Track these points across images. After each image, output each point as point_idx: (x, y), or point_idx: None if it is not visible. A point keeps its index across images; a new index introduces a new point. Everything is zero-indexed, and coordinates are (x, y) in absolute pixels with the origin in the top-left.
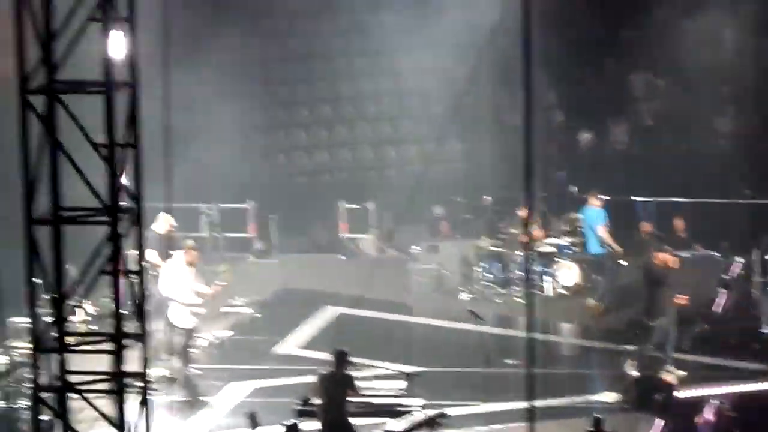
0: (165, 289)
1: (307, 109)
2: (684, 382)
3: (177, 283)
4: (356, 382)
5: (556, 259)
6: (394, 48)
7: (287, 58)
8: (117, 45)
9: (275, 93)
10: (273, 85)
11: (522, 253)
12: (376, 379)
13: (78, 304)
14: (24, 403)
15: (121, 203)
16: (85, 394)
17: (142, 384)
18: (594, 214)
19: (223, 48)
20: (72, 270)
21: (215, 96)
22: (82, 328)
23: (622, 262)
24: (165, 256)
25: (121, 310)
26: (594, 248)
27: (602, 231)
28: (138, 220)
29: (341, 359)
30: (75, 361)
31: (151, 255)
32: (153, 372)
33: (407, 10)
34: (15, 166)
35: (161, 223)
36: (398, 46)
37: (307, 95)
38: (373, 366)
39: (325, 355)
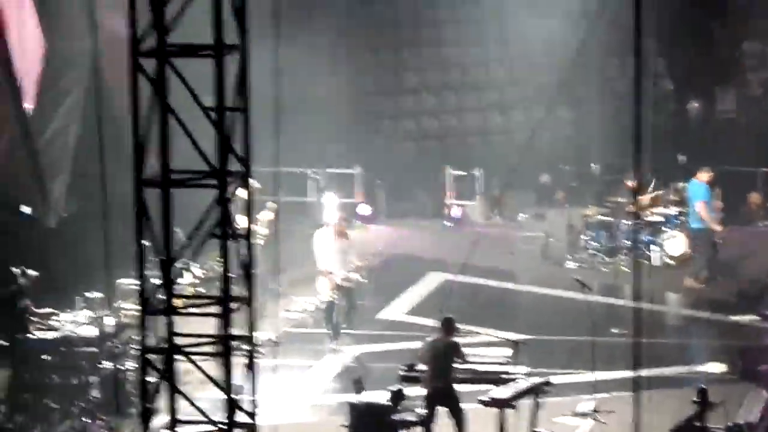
0: (321, 261)
1: (415, 75)
2: None
3: (331, 255)
4: (462, 349)
5: (663, 228)
6: (503, 15)
7: (395, 24)
8: (227, 7)
9: (383, 59)
10: (381, 51)
11: (629, 222)
12: (482, 346)
13: (186, 266)
14: (131, 364)
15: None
16: (192, 357)
17: (248, 347)
18: (697, 189)
19: (331, 14)
20: (180, 233)
21: (322, 63)
22: (190, 291)
23: (718, 240)
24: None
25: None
26: (694, 222)
27: (700, 207)
28: (246, 183)
29: (447, 326)
30: (182, 324)
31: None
32: (259, 335)
33: None
34: (126, 128)
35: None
36: (507, 12)
37: (415, 61)
38: (478, 333)
39: (431, 322)
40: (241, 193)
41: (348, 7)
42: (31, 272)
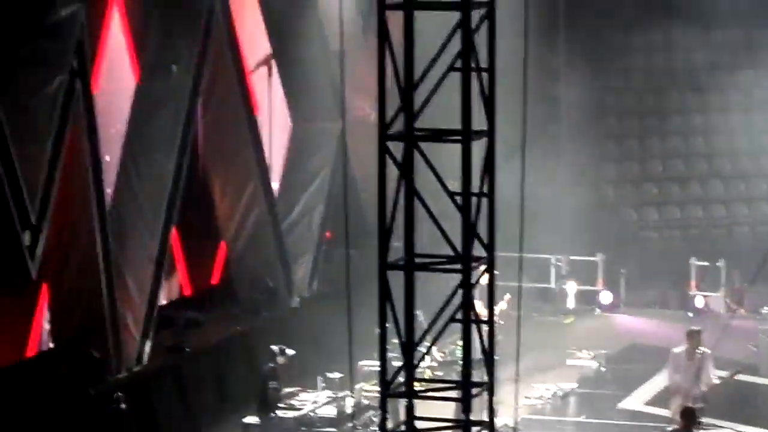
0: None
1: (660, 164)
2: None
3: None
4: None
5: None
6: (751, 105)
7: (641, 112)
8: (475, 94)
9: (627, 147)
10: (625, 140)
11: None
12: None
13: (427, 350)
14: None
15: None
16: None
17: None
18: None
19: (572, 101)
20: (421, 316)
21: (566, 150)
22: (429, 374)
23: None
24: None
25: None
26: None
27: None
28: (489, 269)
29: (688, 417)
30: (421, 407)
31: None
32: (498, 421)
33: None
34: (370, 211)
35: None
36: (755, 103)
37: (660, 150)
38: (720, 427)
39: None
40: (483, 278)
41: (590, 96)
42: (289, 351)
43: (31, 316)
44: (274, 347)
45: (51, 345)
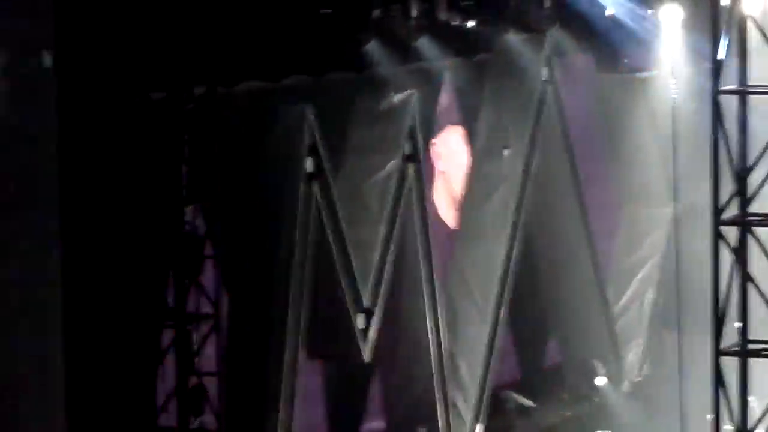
0: None
1: None
2: None
3: None
4: None
5: None
6: None
7: None
8: None
9: None
10: None
11: None
12: None
13: None
14: None
15: None
16: None
17: None
18: None
19: None
20: (755, 401)
21: None
22: None
23: None
24: None
25: None
26: None
27: None
28: None
29: None
30: None
31: None
32: None
33: None
34: (704, 296)
35: None
36: None
37: None
38: None
39: None
40: None
41: None
42: None
43: (365, 397)
44: None
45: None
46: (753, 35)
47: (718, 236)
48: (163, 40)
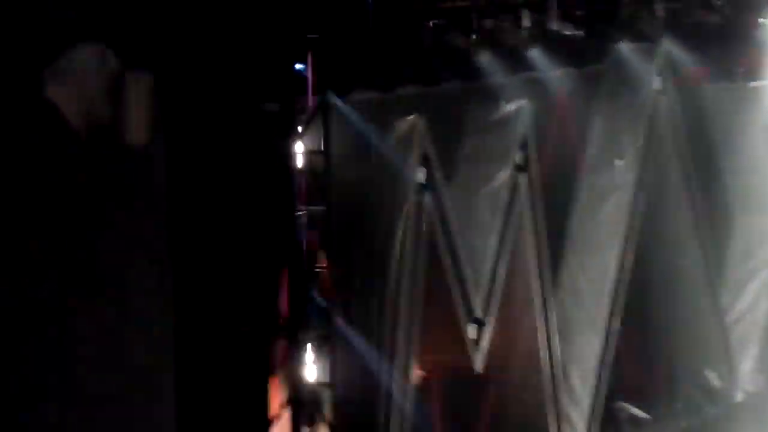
0: None
1: None
2: None
3: None
4: None
5: None
6: None
7: None
8: None
9: None
10: None
11: None
12: None
13: None
14: None
15: None
16: None
17: None
18: None
19: None
20: None
21: None
22: None
23: None
24: None
25: None
26: None
27: None
28: None
29: None
30: None
31: None
32: None
33: None
34: None
35: None
36: None
37: None
38: None
39: None
40: None
41: None
42: None
43: (477, 408)
44: None
45: None
46: None
47: None
48: (275, 52)
